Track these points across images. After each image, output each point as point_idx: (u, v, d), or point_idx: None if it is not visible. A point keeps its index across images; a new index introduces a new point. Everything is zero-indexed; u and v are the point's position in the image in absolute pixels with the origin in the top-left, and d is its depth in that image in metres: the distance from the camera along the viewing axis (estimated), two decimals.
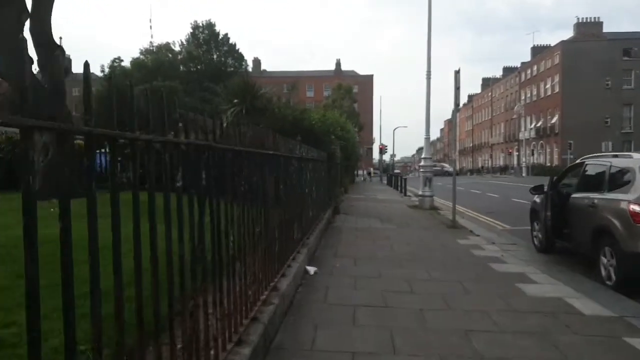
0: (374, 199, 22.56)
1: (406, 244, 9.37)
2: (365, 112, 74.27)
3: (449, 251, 8.77)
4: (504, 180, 47.96)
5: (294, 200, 6.82)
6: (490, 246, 9.40)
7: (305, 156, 8.15)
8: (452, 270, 7.15)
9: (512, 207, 18.20)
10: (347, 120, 29.33)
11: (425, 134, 17.81)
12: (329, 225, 11.84)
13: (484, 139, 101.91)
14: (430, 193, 17.38)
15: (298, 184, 7.26)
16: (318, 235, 9.22)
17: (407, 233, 11.00)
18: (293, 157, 6.71)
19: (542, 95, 72.20)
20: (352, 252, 8.46)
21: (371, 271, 6.95)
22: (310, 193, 8.84)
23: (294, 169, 6.87)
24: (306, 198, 8.28)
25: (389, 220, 13.31)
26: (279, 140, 5.53)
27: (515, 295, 5.85)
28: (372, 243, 9.48)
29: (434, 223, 13.15)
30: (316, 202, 9.98)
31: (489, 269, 7.32)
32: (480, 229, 12.09)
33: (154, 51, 48.97)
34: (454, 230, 11.73)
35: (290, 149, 6.53)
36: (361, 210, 16.53)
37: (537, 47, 79.84)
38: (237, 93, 15.46)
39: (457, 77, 12.72)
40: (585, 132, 60.38)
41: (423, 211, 16.34)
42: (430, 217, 14.70)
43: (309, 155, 8.77)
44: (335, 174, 17.78)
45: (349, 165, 32.26)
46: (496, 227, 12.95)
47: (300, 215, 7.38)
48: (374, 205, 18.46)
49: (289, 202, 6.32)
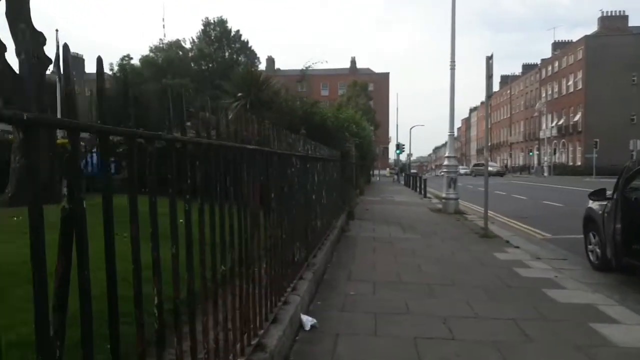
0: (391, 202, 20.94)
1: (435, 261, 7.76)
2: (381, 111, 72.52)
3: (488, 271, 7.15)
4: (525, 180, 45.98)
5: (296, 212, 5.28)
6: (536, 263, 7.77)
7: (313, 155, 6.61)
8: (500, 302, 5.55)
9: (546, 211, 16.48)
10: (363, 118, 27.75)
11: (449, 129, 16.16)
12: (342, 234, 10.28)
13: (503, 137, 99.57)
14: (455, 195, 15.74)
15: (301, 190, 5.72)
16: (329, 249, 7.67)
17: (434, 245, 9.38)
18: (294, 156, 5.17)
19: (564, 92, 69.89)
20: (370, 273, 6.88)
21: (396, 304, 5.36)
22: (319, 199, 7.30)
23: (296, 171, 5.33)
24: (313, 206, 6.73)
25: (411, 228, 11.71)
26: (268, 131, 3.99)
27: (597, 344, 4.24)
28: (394, 260, 7.89)
29: (462, 231, 11.51)
30: (327, 208, 8.44)
31: (546, 299, 5.70)
32: (517, 238, 10.44)
33: (164, 49, 47.71)
34: (487, 240, 10.10)
35: (291, 145, 4.99)
36: (378, 215, 14.94)
37: (559, 42, 77.54)
38: (241, 86, 13.97)
39: (489, 64, 11.09)
40: (611, 130, 58.06)
41: (448, 216, 14.69)
42: (457, 223, 13.07)
43: (318, 153, 7.22)
44: (350, 174, 16.20)
45: (365, 165, 30.66)
46: (534, 236, 11.27)
47: (304, 229, 5.83)
48: (393, 209, 16.85)
49: (288, 214, 4.78)
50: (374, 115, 49.90)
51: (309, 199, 6.35)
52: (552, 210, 16.89)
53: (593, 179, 44.50)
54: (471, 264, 7.63)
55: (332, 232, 8.84)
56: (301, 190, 5.73)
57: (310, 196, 6.42)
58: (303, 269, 5.53)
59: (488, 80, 11.09)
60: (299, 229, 5.51)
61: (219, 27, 53.43)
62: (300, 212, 5.65)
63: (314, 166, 6.82)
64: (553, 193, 25.66)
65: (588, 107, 62.56)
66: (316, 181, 7.00)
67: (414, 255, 8.28)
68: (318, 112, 12.32)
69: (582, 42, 64.65)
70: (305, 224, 5.93)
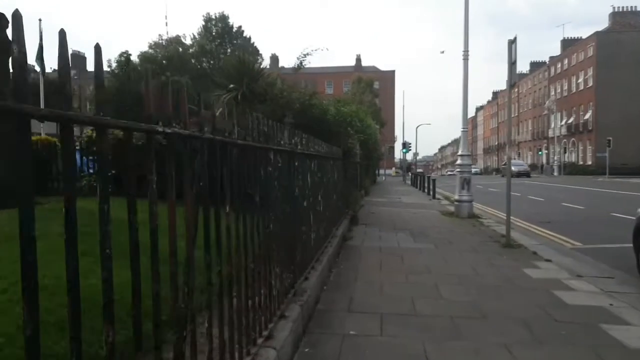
0: (399, 203, 19.53)
1: (456, 281, 6.35)
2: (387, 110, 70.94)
3: (524, 296, 5.74)
4: (536, 180, 44.37)
5: (277, 226, 3.92)
6: (578, 282, 6.36)
7: (304, 150, 5.24)
8: (551, 345, 4.14)
9: (567, 215, 15.04)
10: (368, 115, 26.33)
11: (463, 125, 14.71)
12: (343, 243, 8.90)
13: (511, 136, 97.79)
14: (469, 198, 14.32)
15: (287, 195, 4.36)
16: (326, 267, 6.30)
17: (451, 258, 7.97)
18: (273, 150, 3.81)
19: (574, 89, 68.20)
20: (376, 300, 5.48)
21: (411, 350, 3.96)
22: (313, 205, 5.94)
23: (277, 171, 3.97)
24: (305, 215, 5.37)
25: (423, 236, 10.31)
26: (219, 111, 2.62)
27: None
28: (405, 279, 6.48)
29: (481, 239, 10.11)
30: (325, 216, 7.08)
31: (611, 341, 4.28)
32: (545, 248, 9.03)
33: (163, 45, 46.38)
34: (511, 251, 8.70)
35: (267, 135, 3.62)
36: (385, 219, 13.55)
37: (568, 39, 75.72)
38: (234, 76, 12.60)
39: (512, 48, 9.68)
40: (623, 128, 56.36)
41: (462, 221, 13.29)
42: (474, 229, 11.66)
43: (312, 149, 5.86)
44: (354, 174, 14.82)
45: (370, 165, 29.26)
46: (563, 245, 9.85)
47: (290, 247, 4.46)
48: (400, 212, 15.44)
49: (260, 232, 3.42)
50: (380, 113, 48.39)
51: (299, 207, 4.98)
52: (574, 214, 15.45)
53: (606, 179, 42.95)
54: (500, 285, 6.22)
55: (331, 243, 7.47)
56: (286, 196, 4.37)
57: (300, 203, 5.05)
58: (287, 301, 4.15)
59: (511, 66, 9.67)
60: (283, 249, 4.14)
61: (220, 23, 52.13)
62: (285, 226, 4.29)
63: (306, 165, 5.45)
64: (569, 194, 24.19)
65: (599, 104, 60.84)
66: (309, 184, 5.64)
67: (429, 272, 6.87)
68: (317, 104, 10.93)
69: (593, 39, 62.94)
70: (292, 240, 4.55)
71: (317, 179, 6.36)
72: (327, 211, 7.60)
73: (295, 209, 4.75)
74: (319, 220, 6.50)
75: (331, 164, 8.21)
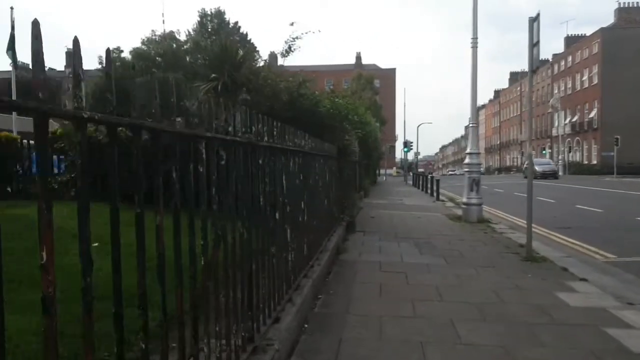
0: (400, 206, 18.11)
1: (477, 314, 4.92)
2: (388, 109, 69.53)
3: (567, 338, 4.31)
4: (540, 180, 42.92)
5: (231, 252, 2.54)
6: (633, 314, 4.95)
7: (275, 144, 3.87)
8: None
9: (587, 219, 13.64)
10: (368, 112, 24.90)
11: (472, 119, 13.28)
12: (336, 257, 7.51)
13: (513, 135, 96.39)
14: (478, 200, 12.92)
15: (243, 207, 2.99)
16: (309, 295, 4.90)
17: (466, 278, 6.54)
18: (206, 140, 2.42)
19: (578, 87, 66.81)
20: (374, 347, 4.05)
21: None
22: (292, 217, 4.57)
23: (223, 171, 2.60)
24: (280, 231, 4.00)
25: (429, 246, 8.91)
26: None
27: None
28: (412, 310, 5.04)
29: (496, 249, 8.72)
30: (310, 227, 5.70)
31: None
32: (574, 262, 7.64)
33: (156, 41, 44.94)
34: (535, 266, 7.31)
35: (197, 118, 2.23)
36: (386, 224, 12.16)
37: (572, 37, 74.25)
38: (215, 65, 11.23)
39: (534, 27, 8.28)
40: (629, 126, 54.87)
41: (471, 226, 11.88)
42: (486, 237, 10.25)
43: (289, 143, 4.48)
44: (351, 175, 13.41)
45: (370, 164, 27.84)
46: (594, 258, 8.46)
47: (249, 282, 3.09)
48: (403, 216, 14.04)
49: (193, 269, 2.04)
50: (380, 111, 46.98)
51: (267, 222, 3.61)
52: (593, 218, 14.04)
53: (614, 179, 41.57)
54: (533, 319, 4.80)
55: (319, 261, 6.09)
56: (243, 206, 2.99)
57: (268, 216, 3.67)
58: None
59: (532, 48, 8.26)
60: (233, 287, 2.76)
61: (216, 18, 50.87)
62: (237, 251, 2.91)
63: (280, 164, 4.08)
64: (580, 195, 22.82)
65: (604, 102, 59.45)
66: (285, 188, 4.26)
67: (440, 299, 5.46)
68: (307, 94, 9.51)
69: (598, 35, 61.53)
70: (250, 272, 3.17)
71: (299, 182, 4.98)
72: (315, 220, 6.22)
73: (258, 224, 3.37)
74: (302, 234, 5.12)
75: (321, 163, 6.83)
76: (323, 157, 6.98)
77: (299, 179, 5.01)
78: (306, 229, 5.41)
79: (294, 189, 4.69)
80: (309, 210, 5.60)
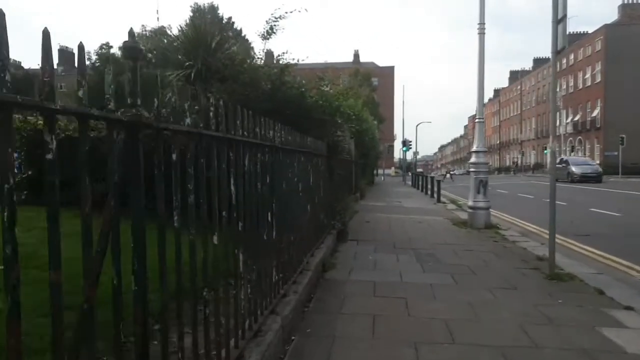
0: (399, 209, 16.77)
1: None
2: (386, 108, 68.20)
3: None
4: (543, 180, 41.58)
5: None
6: None
7: (229, 135, 2.55)
8: None
9: (606, 225, 12.31)
10: (365, 108, 23.60)
11: (478, 114, 11.93)
12: (321, 277, 6.18)
13: (513, 135, 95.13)
14: (485, 204, 11.59)
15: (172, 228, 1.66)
16: (274, 342, 3.59)
17: (483, 306, 5.20)
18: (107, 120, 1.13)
19: (581, 86, 65.53)
20: None
21: None
22: (252, 235, 3.28)
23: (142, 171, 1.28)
24: (228, 259, 2.69)
25: (433, 259, 7.58)
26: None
27: None
28: (415, 358, 3.76)
29: (513, 264, 7.40)
30: (283, 244, 4.40)
31: None
32: (609, 281, 6.33)
33: (147, 36, 43.57)
34: (564, 287, 5.99)
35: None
36: (383, 230, 10.85)
37: (573, 34, 72.86)
38: (189, 51, 9.92)
39: (558, 1, 6.96)
40: (633, 125, 53.53)
41: (479, 233, 10.56)
42: (497, 246, 8.94)
43: (243, 133, 3.17)
44: (345, 175, 12.11)
45: (367, 163, 26.52)
46: (629, 274, 7.14)
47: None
48: (402, 221, 12.72)
49: None
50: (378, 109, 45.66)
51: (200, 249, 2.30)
52: (613, 223, 12.73)
53: (619, 179, 40.32)
54: None
55: (296, 287, 4.78)
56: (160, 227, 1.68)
57: (204, 242, 2.36)
58: None
59: (556, 25, 6.95)
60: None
61: (210, 14, 49.40)
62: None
63: (237, 163, 2.77)
64: (590, 196, 21.51)
65: (608, 101, 58.17)
66: (235, 198, 2.95)
67: (452, 340, 4.12)
68: (290, 82, 8.18)
69: (601, 32, 60.26)
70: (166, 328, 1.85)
71: (262, 187, 3.67)
72: (293, 234, 4.92)
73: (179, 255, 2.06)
74: (268, 256, 3.81)
75: (302, 162, 5.53)
76: (305, 154, 5.68)
77: (264, 182, 3.70)
78: (276, 247, 4.10)
79: (252, 197, 3.39)
80: (281, 223, 4.29)
